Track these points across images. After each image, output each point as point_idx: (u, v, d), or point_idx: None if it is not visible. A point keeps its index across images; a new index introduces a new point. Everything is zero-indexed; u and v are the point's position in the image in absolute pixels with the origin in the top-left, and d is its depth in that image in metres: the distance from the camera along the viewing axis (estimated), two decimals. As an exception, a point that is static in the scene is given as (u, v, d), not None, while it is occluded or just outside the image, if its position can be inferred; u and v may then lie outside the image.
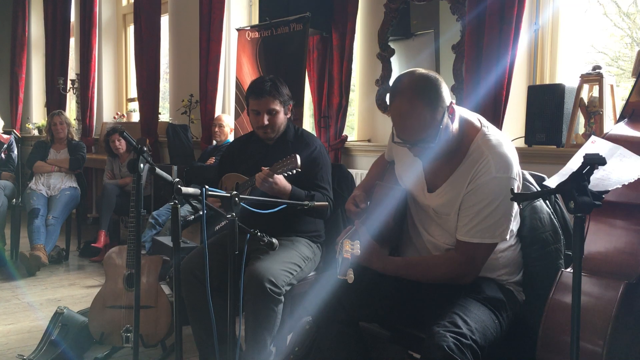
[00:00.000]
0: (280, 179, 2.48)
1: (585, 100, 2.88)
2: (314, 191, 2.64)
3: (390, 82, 3.85)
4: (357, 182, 3.56)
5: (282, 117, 2.72)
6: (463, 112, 1.99)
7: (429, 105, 1.81)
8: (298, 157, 2.47)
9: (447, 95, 1.87)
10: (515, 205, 1.90)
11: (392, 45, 3.82)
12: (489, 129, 1.96)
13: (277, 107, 2.68)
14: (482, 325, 1.83)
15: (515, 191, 1.87)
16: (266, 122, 2.68)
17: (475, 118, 1.99)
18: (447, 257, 1.98)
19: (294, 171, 2.47)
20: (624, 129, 2.05)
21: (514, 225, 2.01)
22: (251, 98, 2.71)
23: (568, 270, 1.91)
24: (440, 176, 1.97)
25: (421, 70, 1.89)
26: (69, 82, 7.07)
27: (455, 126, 1.90)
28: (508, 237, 1.94)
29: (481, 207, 1.86)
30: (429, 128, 1.82)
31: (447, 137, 1.87)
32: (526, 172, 2.23)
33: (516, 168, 1.90)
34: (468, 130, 1.94)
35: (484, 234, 1.88)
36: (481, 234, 1.88)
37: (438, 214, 2.00)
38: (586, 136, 2.81)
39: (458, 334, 1.73)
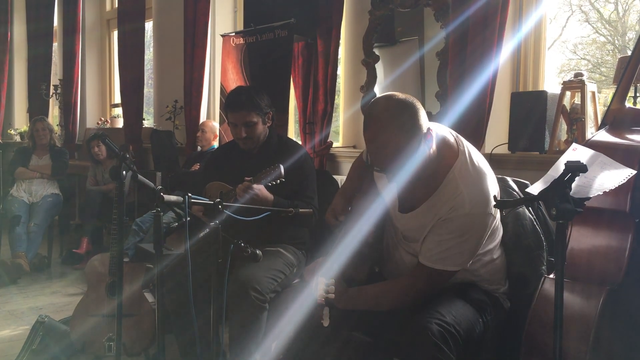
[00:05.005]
0: (262, 189, 2.46)
1: (568, 107, 2.91)
2: (298, 200, 2.62)
3: (375, 89, 3.85)
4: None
5: (260, 128, 2.72)
6: (440, 130, 1.90)
7: (405, 134, 1.73)
8: (282, 167, 2.46)
9: (425, 121, 1.78)
10: (486, 234, 1.86)
11: (376, 51, 3.83)
12: (467, 154, 1.88)
13: (254, 118, 2.67)
14: (467, 320, 1.82)
15: (489, 226, 1.85)
16: (244, 135, 2.68)
17: (453, 138, 1.91)
18: (403, 284, 1.92)
19: (278, 181, 2.46)
20: (605, 136, 2.07)
21: (498, 234, 2.00)
22: (228, 111, 2.72)
23: (551, 276, 1.92)
24: (413, 199, 1.91)
25: (398, 95, 1.79)
26: (51, 88, 7.00)
27: (432, 149, 1.82)
28: (495, 255, 1.95)
29: (449, 238, 1.82)
30: (405, 157, 1.76)
31: (422, 162, 1.79)
32: (509, 179, 2.25)
33: (493, 202, 1.84)
34: (445, 154, 1.86)
35: (446, 262, 1.84)
36: (444, 261, 1.84)
37: (407, 240, 1.95)
38: (569, 143, 2.83)
39: (442, 321, 1.72)
